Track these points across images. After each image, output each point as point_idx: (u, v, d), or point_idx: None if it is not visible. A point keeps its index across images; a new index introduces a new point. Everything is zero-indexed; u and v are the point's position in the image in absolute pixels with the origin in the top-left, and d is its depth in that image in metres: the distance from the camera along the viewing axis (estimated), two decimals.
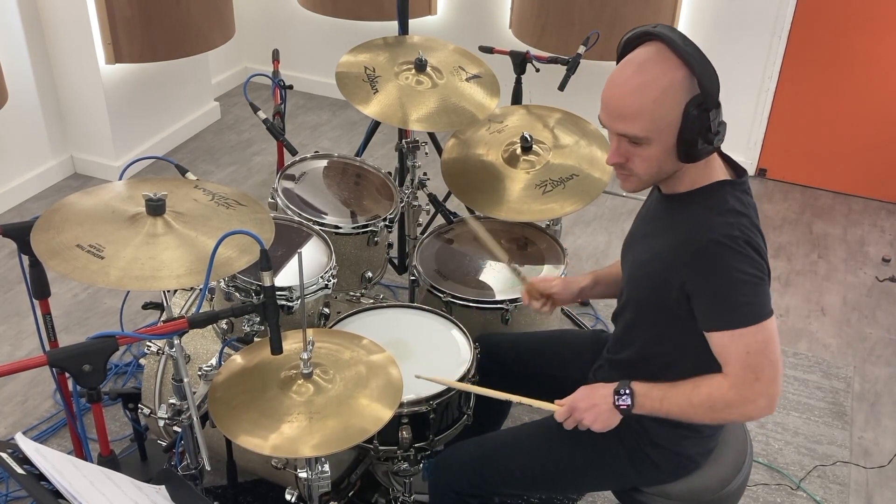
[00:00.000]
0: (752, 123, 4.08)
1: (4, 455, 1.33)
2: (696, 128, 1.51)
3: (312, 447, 1.55)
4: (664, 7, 3.76)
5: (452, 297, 2.29)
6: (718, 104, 1.53)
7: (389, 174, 2.71)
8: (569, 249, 2.54)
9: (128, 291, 2.68)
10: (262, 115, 2.59)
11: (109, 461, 1.82)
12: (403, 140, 2.67)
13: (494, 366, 2.05)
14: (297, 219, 2.35)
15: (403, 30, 2.81)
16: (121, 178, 1.90)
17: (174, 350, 1.72)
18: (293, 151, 2.67)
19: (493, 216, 2.45)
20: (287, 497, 1.83)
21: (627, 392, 1.65)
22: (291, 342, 1.78)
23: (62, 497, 1.28)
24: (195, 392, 1.75)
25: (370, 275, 2.53)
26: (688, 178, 1.63)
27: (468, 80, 2.56)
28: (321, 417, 1.60)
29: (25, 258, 1.88)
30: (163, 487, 1.53)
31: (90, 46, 3.60)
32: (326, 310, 2.17)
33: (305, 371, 1.67)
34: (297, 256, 1.79)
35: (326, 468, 1.71)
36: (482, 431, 2.04)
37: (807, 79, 3.92)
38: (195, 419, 1.73)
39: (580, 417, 1.69)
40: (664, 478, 1.82)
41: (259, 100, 4.60)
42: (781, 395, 2.86)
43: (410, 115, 2.40)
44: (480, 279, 2.42)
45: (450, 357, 2.03)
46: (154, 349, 2.10)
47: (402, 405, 1.87)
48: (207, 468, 1.79)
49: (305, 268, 2.10)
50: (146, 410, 2.17)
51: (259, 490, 2.38)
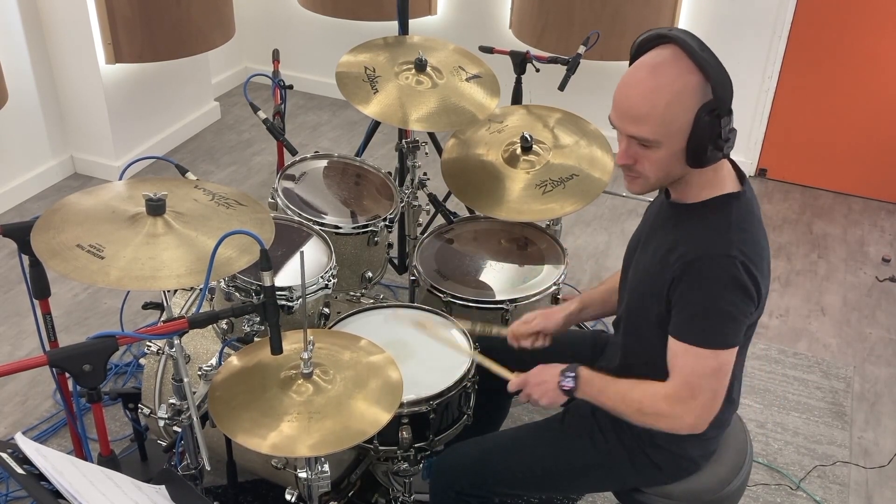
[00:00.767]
0: (752, 123, 4.08)
1: (4, 455, 1.33)
2: (707, 134, 1.51)
3: (312, 447, 1.55)
4: (664, 7, 3.76)
5: (452, 297, 2.29)
6: (730, 111, 1.53)
7: (389, 174, 2.71)
8: (569, 249, 2.54)
9: (128, 291, 2.68)
10: (262, 115, 2.59)
11: (109, 461, 1.82)
12: (403, 140, 2.67)
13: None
14: (297, 219, 2.35)
15: (403, 30, 2.81)
16: (121, 178, 1.90)
17: (174, 350, 1.72)
18: (293, 151, 2.67)
19: (493, 216, 2.45)
20: (287, 497, 1.83)
21: (573, 375, 1.70)
22: (291, 342, 1.78)
23: (62, 497, 1.28)
24: (195, 392, 1.75)
25: (370, 275, 2.53)
26: (696, 186, 1.62)
27: (468, 80, 2.56)
28: (321, 417, 1.60)
29: (25, 258, 1.88)
30: (163, 487, 1.53)
31: (90, 46, 3.60)
32: (326, 310, 2.17)
33: (305, 371, 1.67)
34: (298, 256, 1.79)
35: (326, 468, 1.71)
36: (482, 431, 2.04)
37: (807, 79, 3.92)
38: (195, 419, 1.73)
39: (529, 392, 1.76)
40: (664, 478, 1.82)
41: (259, 100, 4.60)
42: (781, 396, 2.87)
43: (410, 115, 2.40)
44: (480, 279, 2.42)
45: (450, 357, 2.03)
46: (154, 349, 2.10)
47: (402, 405, 1.87)
48: (207, 468, 1.79)
49: (306, 268, 2.10)
50: (146, 410, 2.17)
51: (259, 490, 2.38)
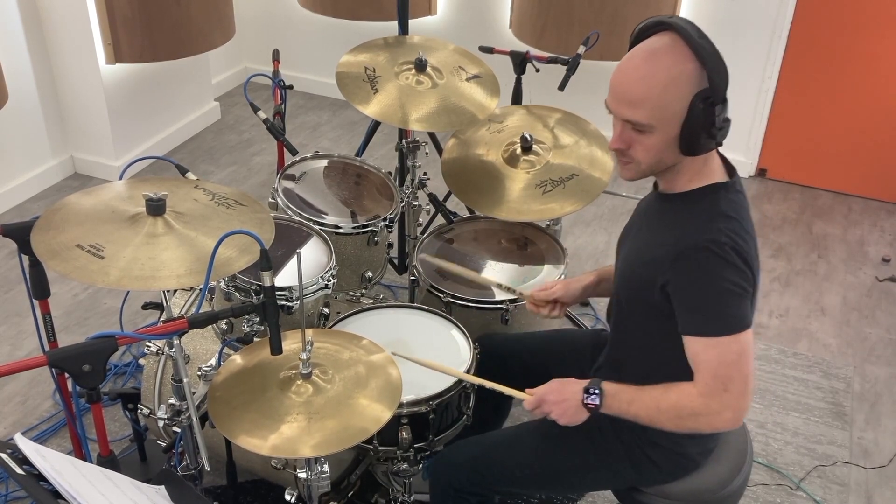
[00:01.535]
0: (752, 123, 4.08)
1: (4, 455, 1.33)
2: (701, 121, 1.51)
3: (312, 447, 1.55)
4: (664, 7, 3.76)
5: (452, 297, 2.29)
6: (725, 100, 1.54)
7: (389, 174, 2.71)
8: (569, 249, 2.54)
9: (128, 291, 2.68)
10: (262, 115, 2.59)
11: (109, 461, 1.82)
12: (403, 140, 2.67)
13: (494, 365, 2.05)
14: (297, 219, 2.35)
15: (403, 30, 2.81)
16: (121, 178, 1.90)
17: (174, 350, 1.72)
18: (293, 151, 2.67)
19: (493, 216, 2.45)
20: (287, 497, 1.83)
21: (597, 392, 1.65)
22: (291, 342, 1.78)
23: (62, 497, 1.28)
24: (195, 392, 1.75)
25: (370, 275, 2.53)
26: (685, 176, 1.63)
27: (468, 80, 2.56)
28: (320, 418, 1.60)
29: (25, 258, 1.88)
30: (162, 487, 1.53)
31: (90, 46, 3.60)
32: (326, 310, 2.17)
33: (305, 371, 1.67)
34: (297, 256, 1.79)
35: (326, 468, 1.71)
36: (482, 432, 2.04)
37: (807, 79, 3.92)
38: (195, 419, 1.73)
39: (548, 410, 1.69)
40: (664, 477, 1.82)
41: (259, 100, 4.59)
42: (781, 396, 2.87)
43: (410, 115, 2.40)
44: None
45: (450, 357, 2.03)
46: (154, 349, 2.10)
47: (402, 405, 1.87)
48: (207, 468, 1.79)
49: (305, 268, 2.10)
50: (146, 411, 2.17)
51: (259, 490, 2.38)
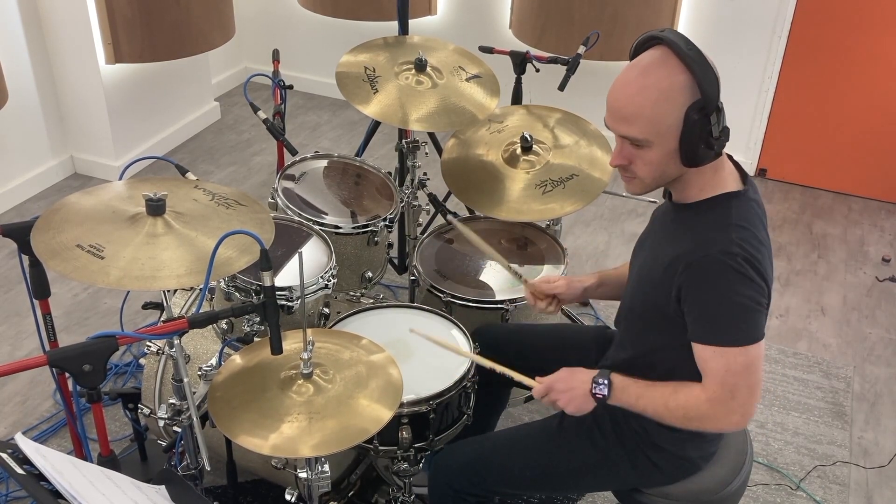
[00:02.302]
0: (752, 123, 4.08)
1: (4, 455, 1.33)
2: (698, 132, 1.51)
3: (312, 447, 1.55)
4: (664, 7, 3.76)
5: (452, 297, 2.29)
6: (720, 109, 1.54)
7: (389, 174, 2.71)
8: (569, 249, 2.54)
9: (128, 291, 2.68)
10: (262, 115, 2.59)
11: (109, 461, 1.82)
12: (403, 140, 2.67)
13: (494, 357, 2.04)
14: (297, 219, 2.35)
15: (403, 30, 2.81)
16: (121, 178, 1.90)
17: (174, 350, 1.72)
18: (293, 151, 2.67)
19: (493, 216, 2.45)
20: (287, 497, 1.83)
21: (605, 382, 1.67)
22: (291, 342, 1.78)
23: (62, 497, 1.28)
24: (195, 392, 1.75)
25: (370, 275, 2.53)
26: (696, 186, 1.63)
27: (468, 80, 2.56)
28: (321, 417, 1.60)
29: (25, 258, 1.88)
30: (163, 487, 1.53)
31: (90, 46, 3.60)
32: (326, 310, 2.17)
33: (305, 371, 1.67)
34: (298, 256, 1.79)
35: (326, 468, 1.71)
36: (478, 426, 2.04)
37: (807, 79, 3.92)
38: (195, 419, 1.73)
39: (556, 398, 1.72)
40: (664, 479, 1.81)
41: (259, 100, 4.60)
42: (781, 396, 2.87)
43: (410, 115, 2.40)
44: (480, 279, 2.42)
45: (450, 357, 2.03)
46: (154, 349, 2.10)
47: (402, 405, 1.87)
48: (207, 468, 1.79)
49: (305, 268, 2.10)
50: (146, 410, 2.17)
51: (259, 490, 2.38)
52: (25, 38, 3.58)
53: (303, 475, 1.71)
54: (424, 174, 2.68)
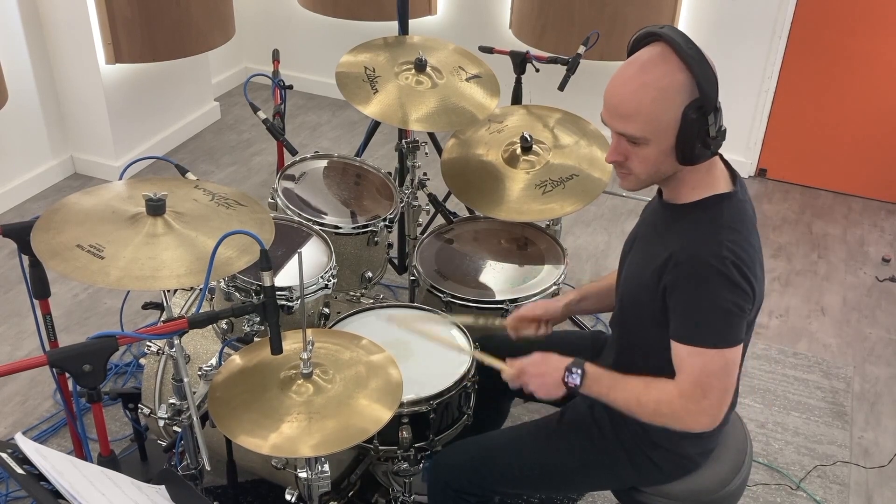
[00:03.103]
0: (752, 123, 4.08)
1: (4, 455, 1.33)
2: (695, 131, 1.51)
3: (312, 447, 1.55)
4: (664, 7, 3.76)
5: (452, 297, 2.29)
6: (718, 108, 1.54)
7: (389, 174, 2.71)
8: (569, 249, 2.54)
9: (128, 291, 2.68)
10: (262, 115, 2.59)
11: (109, 461, 1.82)
12: (403, 140, 2.67)
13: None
14: (297, 219, 2.35)
15: (403, 30, 2.81)
16: (121, 178, 1.90)
17: (174, 350, 1.72)
18: (293, 151, 2.67)
19: (493, 216, 2.45)
20: (287, 497, 1.83)
21: (579, 372, 1.68)
22: (291, 342, 1.78)
23: (62, 497, 1.28)
24: (195, 392, 1.75)
25: (370, 275, 2.53)
26: (688, 186, 1.63)
27: (468, 80, 2.56)
28: (321, 417, 1.60)
29: (25, 258, 1.88)
30: (163, 487, 1.53)
31: (90, 46, 3.60)
32: (326, 310, 2.17)
33: (305, 371, 1.67)
34: (297, 256, 1.79)
35: (326, 468, 1.72)
36: (482, 431, 2.04)
37: (807, 79, 3.92)
38: (195, 419, 1.73)
39: (526, 381, 1.73)
40: (664, 478, 1.82)
41: (259, 100, 4.60)
42: (781, 396, 2.87)
43: (410, 115, 2.40)
44: (480, 279, 2.42)
45: (450, 357, 2.03)
46: (154, 349, 2.10)
47: (403, 405, 1.87)
48: (207, 468, 1.79)
49: (305, 268, 2.10)
50: (146, 410, 2.17)
51: (259, 490, 2.38)
52: (25, 38, 3.58)
53: (303, 475, 1.71)
54: (424, 174, 2.68)
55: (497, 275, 2.43)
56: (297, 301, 2.03)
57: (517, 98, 2.85)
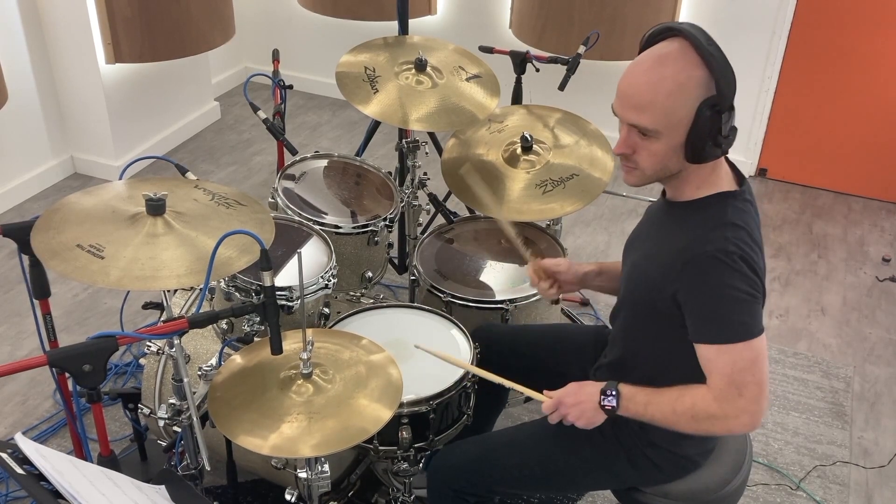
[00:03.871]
0: (752, 123, 4.08)
1: (4, 455, 1.33)
2: (707, 129, 1.51)
3: (312, 447, 1.55)
4: (664, 7, 3.76)
5: (452, 297, 2.29)
6: (732, 108, 1.53)
7: (389, 174, 2.71)
8: (569, 249, 2.54)
9: (128, 291, 2.68)
10: (262, 115, 2.59)
11: (109, 461, 1.82)
12: (403, 140, 2.67)
13: (493, 357, 2.05)
14: (297, 219, 2.35)
15: (403, 30, 2.81)
16: (121, 178, 1.90)
17: (174, 350, 1.72)
18: (293, 151, 2.67)
19: (493, 216, 2.44)
20: (287, 497, 1.83)
21: (613, 393, 1.65)
22: (291, 342, 1.78)
23: (62, 497, 1.28)
24: (195, 392, 1.75)
25: (370, 275, 2.53)
26: (693, 184, 1.63)
27: (468, 80, 2.56)
28: (321, 417, 1.60)
29: (25, 258, 1.88)
30: (163, 487, 1.53)
31: (90, 46, 3.60)
32: (326, 310, 2.17)
33: (305, 371, 1.67)
34: (297, 256, 1.79)
35: (326, 468, 1.71)
36: (477, 427, 2.04)
37: (807, 79, 3.92)
38: (195, 419, 1.73)
39: (565, 412, 1.70)
40: (664, 478, 1.82)
41: (259, 100, 4.60)
42: (781, 396, 2.87)
43: (410, 115, 2.40)
44: (480, 279, 2.42)
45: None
46: (154, 349, 2.09)
47: (402, 405, 1.87)
48: (207, 468, 1.79)
49: (305, 268, 2.10)
50: (146, 410, 2.17)
51: (259, 490, 2.38)
52: (25, 38, 3.58)
53: (303, 475, 1.71)
54: (424, 174, 2.68)
55: (497, 275, 2.43)
56: (297, 301, 2.03)
57: (517, 98, 2.85)
